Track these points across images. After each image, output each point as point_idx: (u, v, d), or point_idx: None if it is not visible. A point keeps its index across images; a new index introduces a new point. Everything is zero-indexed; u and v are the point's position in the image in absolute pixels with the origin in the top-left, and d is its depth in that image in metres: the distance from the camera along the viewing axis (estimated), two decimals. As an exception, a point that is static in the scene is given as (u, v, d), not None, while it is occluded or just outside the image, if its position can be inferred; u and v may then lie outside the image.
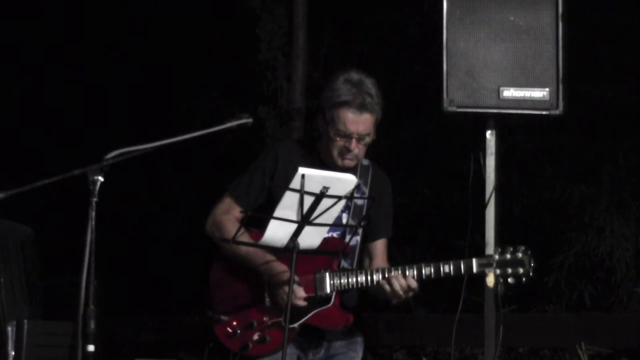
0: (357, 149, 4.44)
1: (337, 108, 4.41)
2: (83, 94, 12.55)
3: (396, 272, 4.40)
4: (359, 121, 4.41)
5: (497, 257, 4.48)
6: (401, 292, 4.40)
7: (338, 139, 4.43)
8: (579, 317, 8.00)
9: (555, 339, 7.73)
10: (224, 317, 4.47)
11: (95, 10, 12.37)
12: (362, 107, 4.40)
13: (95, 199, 3.90)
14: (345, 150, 4.43)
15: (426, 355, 8.85)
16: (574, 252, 9.49)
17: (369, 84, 4.46)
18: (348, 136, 4.42)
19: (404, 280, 4.39)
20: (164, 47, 12.05)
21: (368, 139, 4.46)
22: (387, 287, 4.40)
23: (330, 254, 4.43)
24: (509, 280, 4.47)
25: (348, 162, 4.44)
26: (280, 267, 4.36)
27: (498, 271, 4.46)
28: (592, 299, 9.50)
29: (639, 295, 9.24)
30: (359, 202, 4.52)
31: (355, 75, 4.48)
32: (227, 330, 4.46)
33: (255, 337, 4.43)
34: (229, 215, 4.47)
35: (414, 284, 4.40)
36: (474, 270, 4.45)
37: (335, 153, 4.45)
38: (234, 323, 4.45)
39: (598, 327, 7.46)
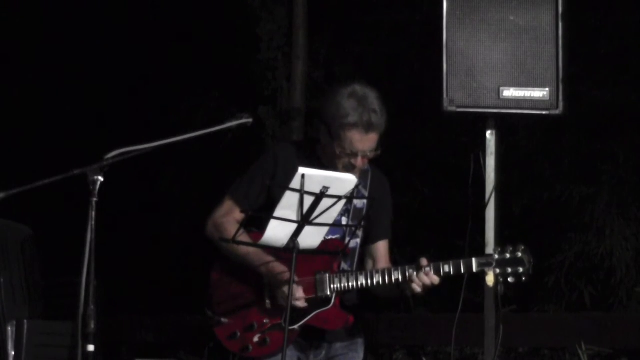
0: (362, 163, 4.45)
1: (344, 129, 4.38)
2: (83, 94, 12.56)
3: (427, 268, 4.40)
4: (365, 140, 4.40)
5: (496, 256, 4.47)
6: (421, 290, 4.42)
7: (344, 156, 4.42)
8: (579, 317, 8.00)
9: (555, 339, 7.74)
10: (224, 320, 4.46)
11: (96, 10, 12.37)
12: (369, 128, 4.38)
13: (95, 199, 3.90)
14: (351, 166, 4.43)
15: (426, 355, 8.85)
16: (574, 252, 9.49)
17: (373, 99, 4.42)
18: (354, 154, 4.41)
19: (427, 277, 4.39)
20: (164, 46, 12.05)
21: (373, 154, 4.46)
22: (417, 282, 4.40)
23: (329, 253, 4.43)
24: (509, 279, 4.47)
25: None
26: (280, 267, 4.35)
27: (498, 270, 4.45)
28: (592, 299, 9.50)
29: (639, 296, 9.24)
30: (359, 205, 4.52)
31: (359, 90, 4.43)
32: (227, 332, 4.45)
33: (256, 338, 4.42)
34: (229, 218, 4.46)
35: (436, 280, 4.41)
36: (474, 269, 4.45)
37: (340, 167, 4.44)
38: (234, 324, 4.45)
39: (598, 327, 7.46)
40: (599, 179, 9.53)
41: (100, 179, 3.92)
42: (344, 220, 4.49)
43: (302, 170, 4.11)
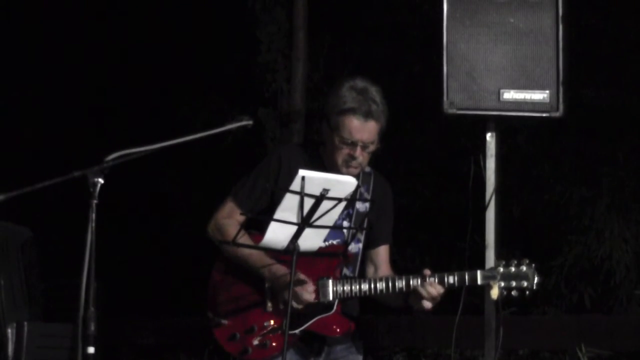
0: (362, 156, 4.44)
1: (342, 115, 4.40)
2: (83, 95, 12.57)
3: (432, 279, 4.40)
4: (364, 129, 4.40)
5: (501, 269, 4.46)
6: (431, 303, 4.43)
7: (343, 146, 4.41)
8: (578, 319, 8.00)
9: (555, 341, 7.74)
10: (224, 321, 4.46)
11: (96, 11, 12.38)
12: (367, 115, 4.39)
13: (95, 201, 3.90)
14: (350, 158, 4.42)
15: (426, 357, 8.85)
16: (573, 254, 9.50)
17: (374, 92, 4.44)
18: (353, 144, 4.40)
19: (432, 288, 4.40)
20: (164, 49, 12.06)
21: (372, 147, 4.45)
22: (423, 292, 4.40)
23: (330, 255, 4.43)
24: (513, 293, 4.47)
25: (352, 170, 4.43)
26: (282, 270, 4.34)
27: (502, 284, 4.45)
28: (592, 301, 9.51)
29: (639, 298, 9.25)
30: (361, 209, 4.51)
31: (360, 83, 4.46)
32: (227, 333, 4.44)
33: (256, 341, 4.41)
34: (231, 220, 4.46)
35: (441, 289, 4.41)
36: (479, 282, 4.44)
37: (339, 161, 4.43)
38: (234, 326, 4.44)
39: (598, 330, 7.46)
40: (598, 181, 9.55)
41: (101, 181, 3.91)
42: (346, 225, 4.48)
43: (302, 172, 4.11)
